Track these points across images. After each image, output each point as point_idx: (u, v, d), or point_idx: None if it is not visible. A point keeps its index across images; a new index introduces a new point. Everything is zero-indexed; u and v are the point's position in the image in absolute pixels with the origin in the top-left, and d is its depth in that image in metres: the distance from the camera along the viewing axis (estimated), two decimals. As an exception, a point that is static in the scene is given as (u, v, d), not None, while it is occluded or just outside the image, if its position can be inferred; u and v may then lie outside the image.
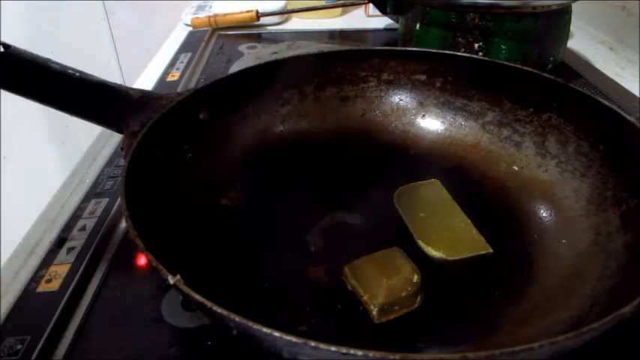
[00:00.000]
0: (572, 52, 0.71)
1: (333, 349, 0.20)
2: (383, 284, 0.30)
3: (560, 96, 0.39)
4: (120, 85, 0.39)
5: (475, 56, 0.45)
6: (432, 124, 0.46)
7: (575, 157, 0.37)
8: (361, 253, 0.33)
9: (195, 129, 0.40)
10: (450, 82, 0.45)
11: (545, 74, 0.40)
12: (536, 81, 0.40)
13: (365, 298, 0.31)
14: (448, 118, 0.45)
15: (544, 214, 0.37)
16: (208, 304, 0.22)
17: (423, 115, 0.46)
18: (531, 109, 0.41)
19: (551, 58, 0.61)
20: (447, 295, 0.32)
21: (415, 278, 0.31)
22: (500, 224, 0.37)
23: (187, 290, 0.23)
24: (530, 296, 0.31)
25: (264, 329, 0.21)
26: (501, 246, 0.35)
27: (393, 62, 0.46)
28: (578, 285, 0.30)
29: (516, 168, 0.41)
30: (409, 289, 0.30)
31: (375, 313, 0.30)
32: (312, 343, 0.20)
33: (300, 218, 0.38)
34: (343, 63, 0.47)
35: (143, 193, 0.31)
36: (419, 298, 0.31)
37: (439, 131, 0.45)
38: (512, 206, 0.39)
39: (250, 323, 0.21)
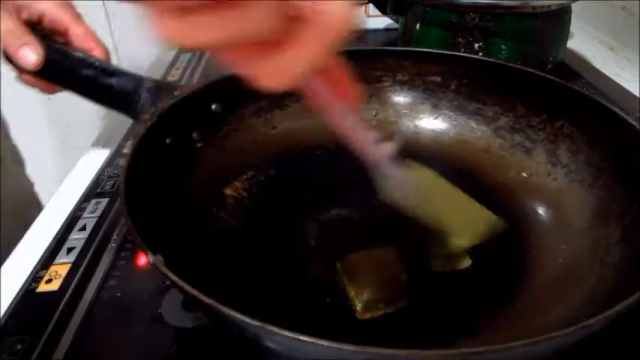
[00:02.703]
0: (572, 52, 0.71)
1: (302, 337, 0.20)
2: (369, 281, 0.31)
3: (574, 104, 0.38)
4: (135, 74, 0.40)
5: (492, 59, 0.45)
6: (444, 126, 0.46)
7: (585, 167, 0.37)
8: (358, 250, 0.34)
9: (207, 120, 0.40)
10: (465, 84, 0.45)
11: (560, 81, 0.39)
12: (551, 87, 0.40)
13: (352, 293, 0.31)
14: (461, 121, 0.45)
15: (547, 223, 0.37)
16: (186, 287, 0.23)
17: (436, 117, 0.46)
18: (544, 116, 0.40)
19: (551, 58, 0.61)
20: (436, 297, 0.32)
21: (402, 278, 0.31)
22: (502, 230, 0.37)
23: (165, 270, 0.24)
24: (519, 302, 0.31)
25: (238, 315, 0.21)
26: (499, 250, 0.35)
27: (408, 63, 0.46)
28: (571, 293, 0.30)
29: (525, 175, 0.40)
30: (395, 287, 0.31)
31: (359, 308, 0.30)
32: (288, 333, 0.20)
33: (302, 212, 0.39)
34: (358, 62, 0.46)
35: (146, 177, 0.32)
36: (406, 297, 0.31)
37: (451, 134, 0.45)
38: (515, 213, 0.38)
39: (226, 310, 0.21)
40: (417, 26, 0.61)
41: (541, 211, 0.38)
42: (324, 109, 0.24)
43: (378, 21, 0.84)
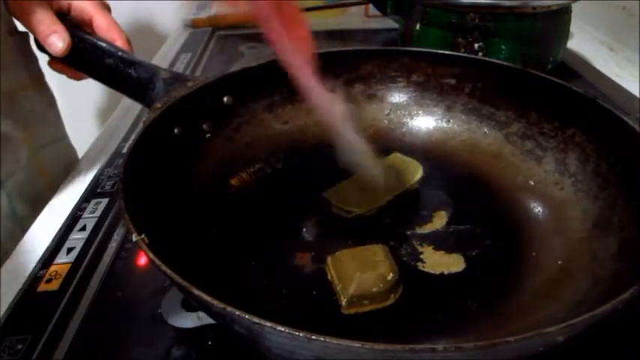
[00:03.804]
0: (572, 52, 0.71)
1: (262, 322, 0.20)
2: (356, 277, 0.31)
3: (587, 112, 0.38)
4: (152, 65, 0.42)
5: (507, 64, 0.44)
6: (455, 130, 0.45)
7: (592, 178, 0.36)
8: (353, 246, 0.34)
9: (218, 112, 0.41)
10: (480, 88, 0.44)
11: (575, 88, 0.39)
12: (564, 94, 0.39)
13: (338, 288, 0.32)
14: (473, 125, 0.45)
15: (547, 231, 0.36)
16: (168, 270, 0.23)
17: (448, 121, 0.46)
18: (556, 123, 0.40)
19: (551, 59, 0.61)
20: (426, 298, 0.32)
21: (390, 276, 0.31)
22: (502, 235, 0.37)
23: (147, 250, 0.24)
24: (505, 311, 0.31)
25: (203, 295, 0.21)
26: (496, 256, 0.35)
27: (424, 64, 0.46)
28: (556, 304, 0.30)
29: (532, 182, 0.40)
30: (381, 285, 0.31)
31: (344, 303, 0.31)
32: (247, 316, 0.21)
33: (302, 206, 0.39)
34: (374, 61, 0.47)
35: (149, 161, 0.33)
36: (392, 296, 0.31)
37: (462, 138, 0.45)
38: (518, 219, 0.38)
39: (194, 289, 0.22)
40: (417, 26, 0.61)
41: (542, 216, 0.37)
42: (278, 45, 0.29)
43: (378, 21, 0.84)
